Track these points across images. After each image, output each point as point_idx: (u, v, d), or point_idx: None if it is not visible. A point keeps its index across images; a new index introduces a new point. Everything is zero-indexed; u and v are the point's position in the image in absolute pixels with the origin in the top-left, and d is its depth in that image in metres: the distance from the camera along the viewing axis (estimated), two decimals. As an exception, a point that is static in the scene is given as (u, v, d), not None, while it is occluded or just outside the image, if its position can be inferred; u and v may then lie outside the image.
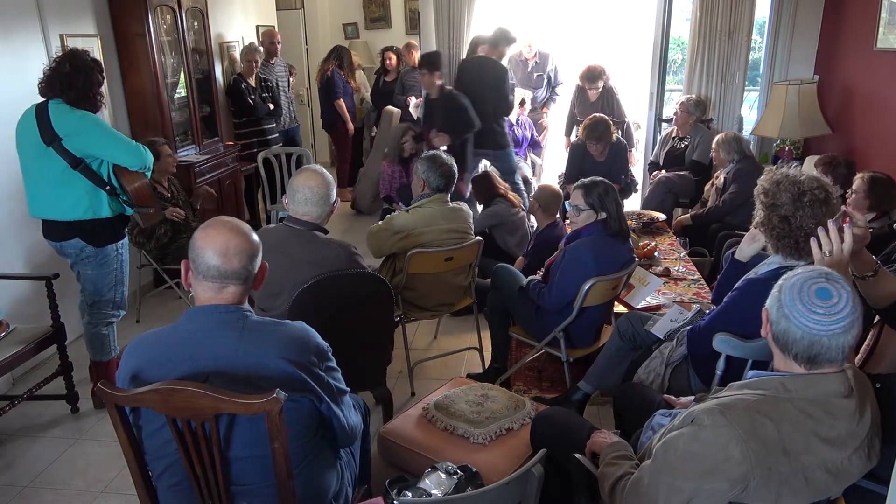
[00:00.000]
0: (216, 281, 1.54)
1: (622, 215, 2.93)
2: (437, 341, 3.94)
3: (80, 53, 2.84)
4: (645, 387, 2.35)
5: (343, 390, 1.71)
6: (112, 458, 2.82)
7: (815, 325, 1.35)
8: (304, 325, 1.65)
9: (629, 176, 5.04)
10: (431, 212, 3.20)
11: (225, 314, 1.55)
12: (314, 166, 2.58)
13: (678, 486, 1.40)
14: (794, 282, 1.40)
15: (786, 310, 1.39)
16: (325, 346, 1.66)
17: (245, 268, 1.56)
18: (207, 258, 1.53)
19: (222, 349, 1.53)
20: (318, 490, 1.70)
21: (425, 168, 3.26)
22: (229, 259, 1.53)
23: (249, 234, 1.60)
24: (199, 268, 1.54)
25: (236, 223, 1.60)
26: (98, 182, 2.87)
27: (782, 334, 1.40)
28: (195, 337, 1.54)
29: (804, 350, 1.38)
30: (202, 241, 1.55)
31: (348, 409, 1.73)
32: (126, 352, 1.60)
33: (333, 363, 1.69)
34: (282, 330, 1.59)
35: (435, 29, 5.56)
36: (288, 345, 1.56)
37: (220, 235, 1.55)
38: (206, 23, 5.06)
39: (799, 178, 1.97)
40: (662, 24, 5.31)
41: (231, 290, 1.57)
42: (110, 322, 3.15)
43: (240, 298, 1.60)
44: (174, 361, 1.53)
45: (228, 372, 1.52)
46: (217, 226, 1.58)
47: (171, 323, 1.61)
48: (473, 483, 1.79)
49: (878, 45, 4.13)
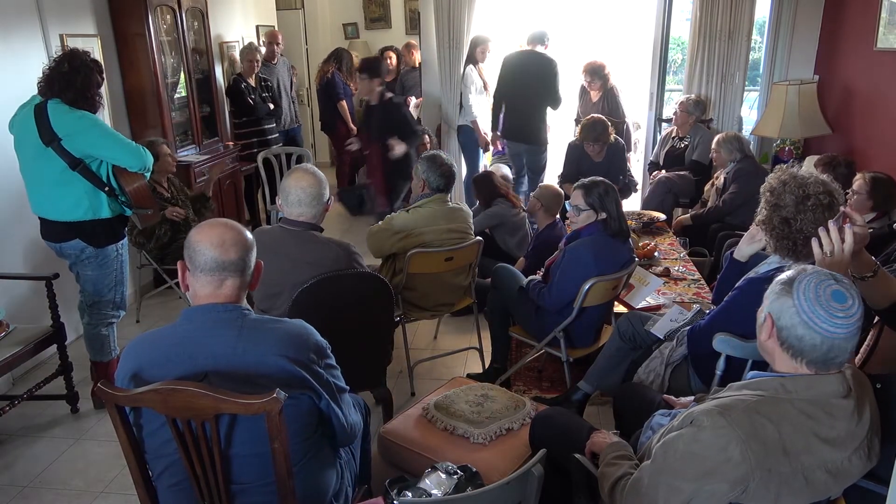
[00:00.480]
0: (214, 274, 1.55)
1: (622, 215, 2.93)
2: (437, 341, 3.94)
3: (80, 54, 2.84)
4: (645, 387, 2.35)
5: (342, 388, 1.72)
6: (112, 458, 2.82)
7: (836, 329, 1.35)
8: (302, 322, 1.65)
9: (628, 176, 5.04)
10: (432, 212, 3.20)
11: (223, 313, 1.56)
12: (305, 166, 2.57)
13: (678, 486, 1.40)
14: (807, 286, 1.38)
15: (804, 316, 1.36)
16: (324, 343, 1.66)
17: (242, 259, 1.57)
18: (204, 251, 1.54)
19: (221, 348, 1.53)
20: (317, 489, 1.71)
21: (425, 168, 3.25)
22: (226, 250, 1.55)
23: (243, 230, 1.62)
24: (197, 263, 1.55)
25: (228, 221, 1.63)
26: (97, 183, 2.86)
27: (797, 341, 1.38)
28: (194, 336, 1.55)
29: (822, 355, 1.37)
30: (197, 236, 1.57)
31: (348, 407, 1.74)
32: (125, 352, 1.61)
33: (333, 361, 1.69)
34: (280, 327, 1.59)
35: (435, 29, 5.55)
36: (287, 342, 1.57)
37: (215, 229, 1.58)
38: (206, 23, 5.06)
39: (806, 181, 1.95)
40: (662, 24, 5.31)
41: (229, 284, 1.57)
42: (110, 322, 3.15)
43: (238, 295, 1.60)
44: (174, 361, 1.53)
45: (227, 370, 1.52)
46: (211, 223, 1.61)
47: (170, 323, 1.61)
48: (473, 483, 1.79)
49: (878, 45, 4.13)
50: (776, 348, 1.44)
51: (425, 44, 5.75)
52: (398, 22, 8.26)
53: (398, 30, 8.23)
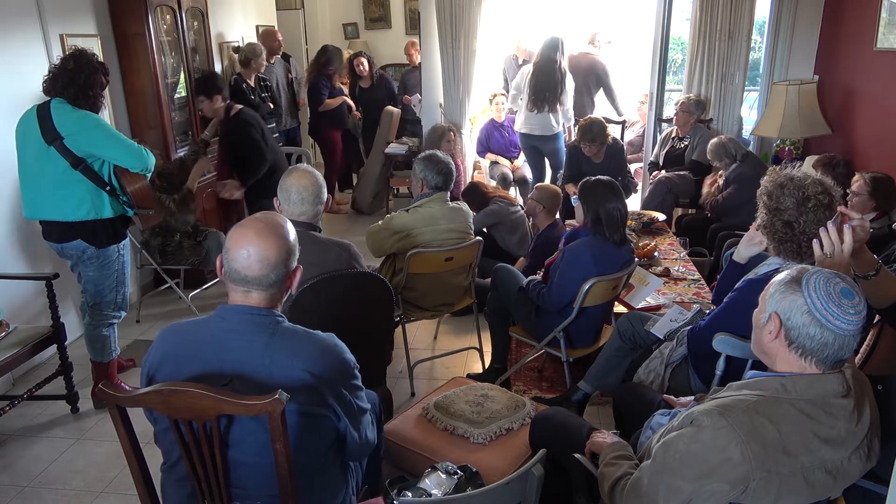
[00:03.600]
0: (239, 285, 1.55)
1: (622, 222, 2.92)
2: (437, 341, 3.94)
3: (87, 54, 2.87)
4: (645, 387, 2.35)
5: (363, 409, 1.69)
6: (112, 458, 2.82)
7: (848, 327, 1.36)
8: (334, 337, 1.63)
9: (627, 177, 5.04)
10: (431, 212, 3.19)
11: (257, 317, 1.55)
12: (302, 166, 2.59)
13: (678, 486, 1.40)
14: (816, 284, 1.38)
15: (817, 314, 1.36)
16: (352, 361, 1.64)
17: (266, 276, 1.54)
18: (231, 261, 1.53)
19: (248, 354, 1.52)
20: (322, 502, 1.69)
21: (422, 167, 3.23)
22: (249, 266, 1.52)
23: (277, 239, 1.55)
24: (226, 268, 1.55)
25: (268, 225, 1.56)
26: (99, 182, 2.87)
27: (808, 339, 1.38)
28: (224, 339, 1.54)
29: (833, 353, 1.38)
30: (231, 241, 1.55)
31: (366, 427, 1.71)
32: (159, 338, 1.61)
33: (359, 381, 1.67)
34: (312, 340, 1.57)
35: (437, 28, 5.55)
36: (316, 358, 1.55)
37: (245, 239, 1.54)
38: (206, 23, 5.06)
39: (803, 182, 1.95)
40: (662, 24, 5.31)
41: (255, 296, 1.56)
42: (111, 323, 3.15)
43: (269, 303, 1.58)
44: (201, 359, 1.54)
45: (252, 378, 1.51)
46: (246, 227, 1.56)
47: (173, 321, 1.64)
48: (473, 483, 1.79)
49: (878, 45, 4.13)
50: (781, 349, 1.43)
51: (425, 44, 5.75)
52: (398, 22, 8.26)
53: (398, 30, 8.23)
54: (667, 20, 5.31)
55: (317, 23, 8.21)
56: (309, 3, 8.07)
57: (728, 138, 4.55)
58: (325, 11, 8.33)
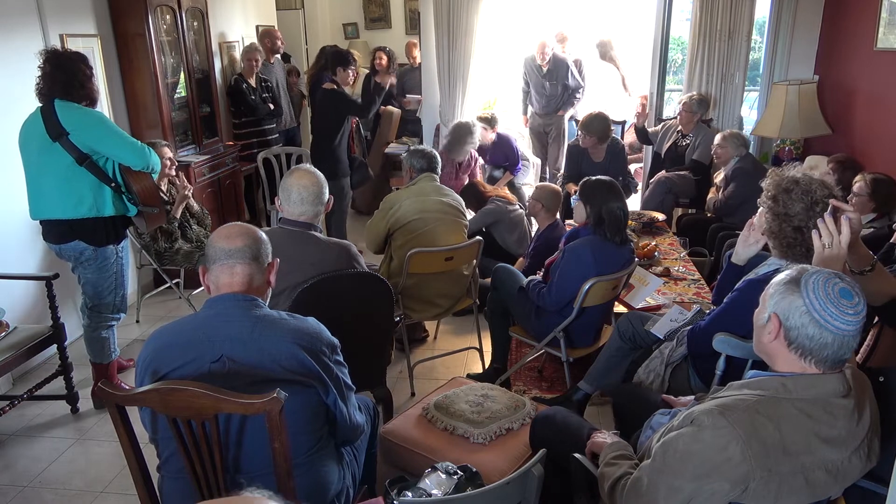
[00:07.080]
0: (224, 261, 1.65)
1: (623, 221, 2.92)
2: (437, 341, 3.94)
3: (58, 51, 2.88)
4: (645, 387, 2.35)
5: (350, 386, 1.78)
6: (112, 458, 2.82)
7: (847, 327, 1.36)
8: (315, 320, 1.74)
9: (628, 176, 5.04)
10: (421, 187, 3.35)
11: (242, 301, 1.64)
12: (304, 166, 2.60)
13: (678, 486, 1.39)
14: (815, 285, 1.38)
15: (816, 315, 1.36)
16: (335, 341, 1.74)
17: (248, 247, 1.67)
18: (215, 244, 1.67)
19: (237, 331, 1.60)
20: (320, 484, 1.72)
21: (408, 157, 3.48)
22: (232, 240, 1.66)
23: (251, 227, 1.74)
24: (211, 257, 1.67)
25: (242, 225, 1.74)
26: (103, 178, 2.88)
27: (807, 340, 1.38)
28: (213, 321, 1.62)
29: (833, 353, 1.37)
30: (212, 237, 1.71)
31: (353, 407, 1.79)
32: (151, 336, 1.68)
33: (341, 359, 1.76)
34: (294, 318, 1.69)
35: (435, 29, 5.55)
36: (301, 331, 1.65)
37: (224, 228, 1.72)
38: (206, 23, 5.06)
39: (810, 186, 1.95)
40: (662, 24, 5.31)
41: (240, 271, 1.66)
42: (110, 325, 3.15)
43: (254, 285, 1.68)
44: (194, 343, 1.61)
45: (242, 353, 1.58)
46: (226, 225, 1.74)
47: (174, 321, 1.70)
48: (473, 483, 1.79)
49: (878, 45, 4.13)
50: (781, 349, 1.43)
51: (425, 44, 5.74)
52: (398, 22, 8.24)
53: (398, 30, 8.22)
54: (667, 20, 5.31)
55: (317, 23, 8.20)
56: (309, 3, 8.06)
57: (734, 131, 4.58)
58: (325, 11, 8.32)
